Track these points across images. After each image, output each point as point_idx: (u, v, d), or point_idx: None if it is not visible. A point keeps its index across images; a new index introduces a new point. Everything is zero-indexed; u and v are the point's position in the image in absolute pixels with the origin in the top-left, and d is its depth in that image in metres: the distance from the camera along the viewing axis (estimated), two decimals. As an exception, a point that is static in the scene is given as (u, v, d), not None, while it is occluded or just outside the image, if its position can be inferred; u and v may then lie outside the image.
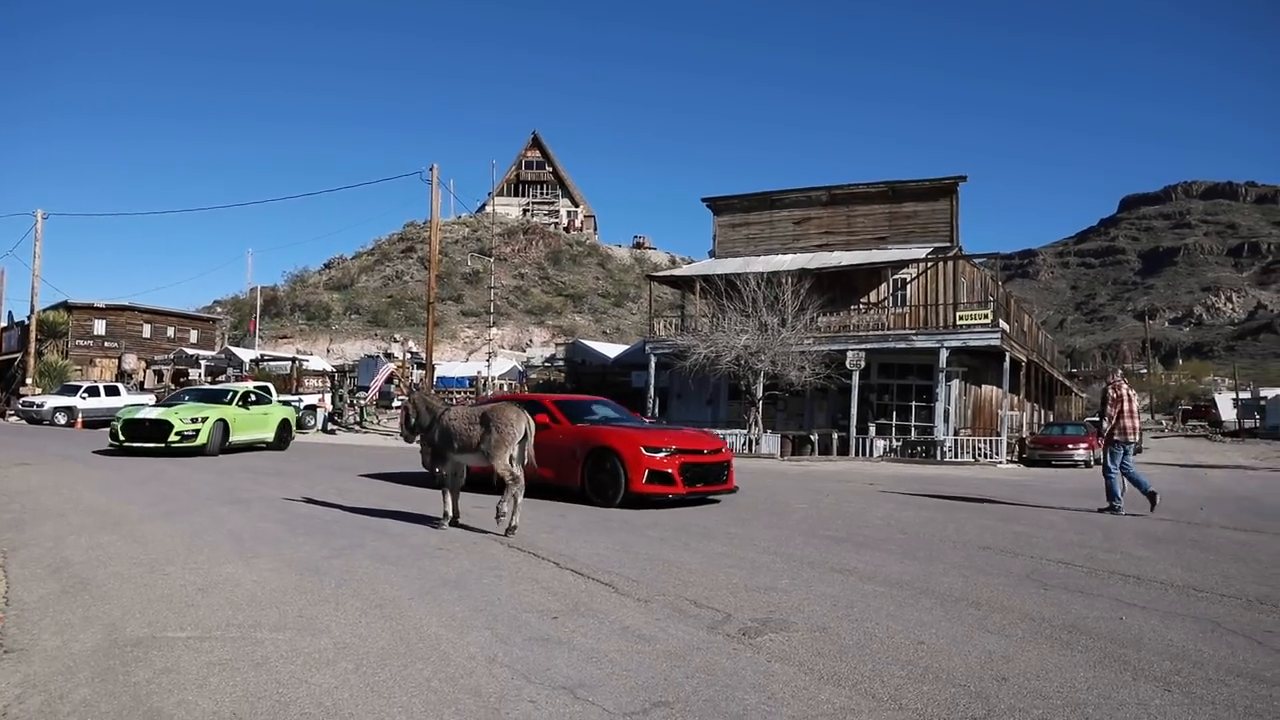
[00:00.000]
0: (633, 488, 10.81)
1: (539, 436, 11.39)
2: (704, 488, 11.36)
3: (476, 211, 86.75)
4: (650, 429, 12.33)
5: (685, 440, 11.57)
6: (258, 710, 3.80)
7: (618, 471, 10.93)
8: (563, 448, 11.62)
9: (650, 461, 10.87)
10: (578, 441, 11.56)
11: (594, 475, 11.24)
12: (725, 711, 3.85)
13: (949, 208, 30.06)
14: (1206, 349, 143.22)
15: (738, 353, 26.31)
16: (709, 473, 11.42)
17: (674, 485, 10.90)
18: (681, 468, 11.00)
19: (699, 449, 11.47)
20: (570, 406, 12.80)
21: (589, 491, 11.22)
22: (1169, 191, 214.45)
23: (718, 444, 12.07)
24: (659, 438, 11.36)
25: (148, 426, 18.04)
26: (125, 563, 6.88)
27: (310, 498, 11.30)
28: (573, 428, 11.91)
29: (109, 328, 53.68)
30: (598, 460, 11.21)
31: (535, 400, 12.87)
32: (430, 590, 6.11)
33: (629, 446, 10.98)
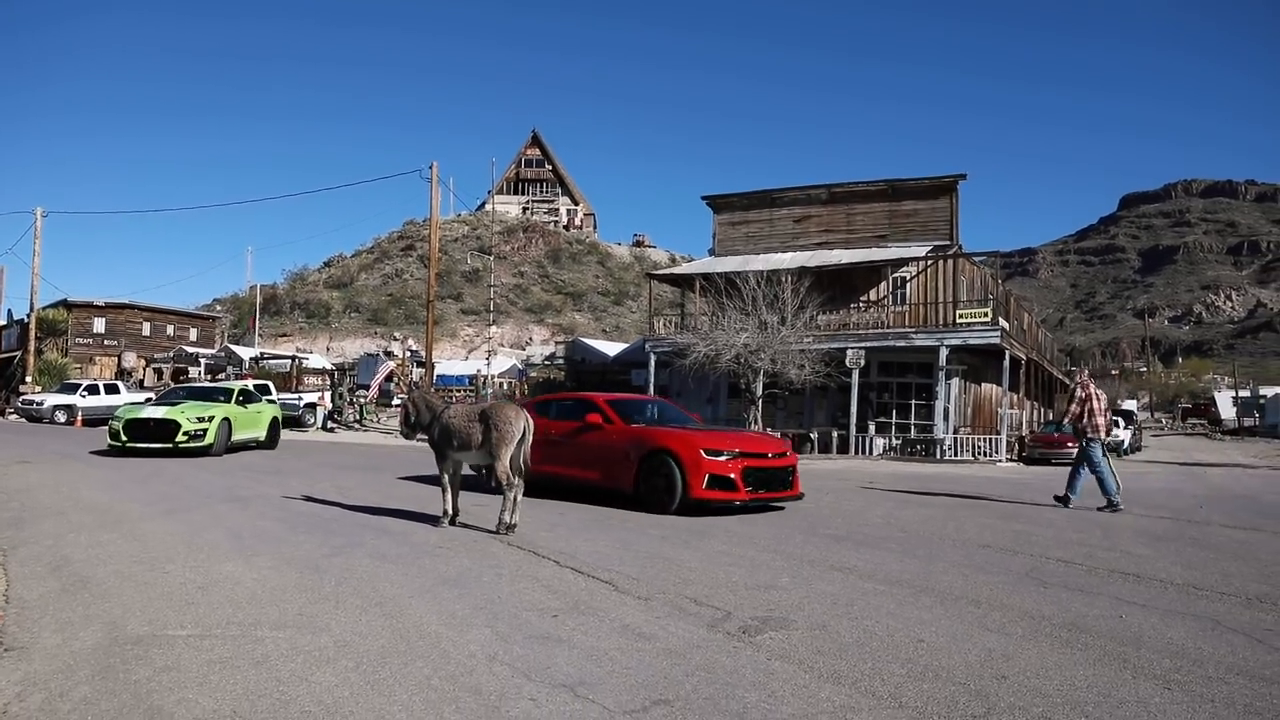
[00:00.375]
0: (691, 494, 10.08)
1: (589, 437, 11.28)
2: (768, 494, 10.63)
3: (476, 210, 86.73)
4: (711, 430, 11.66)
5: (748, 443, 10.90)
6: (258, 708, 3.80)
7: (674, 476, 10.22)
8: (614, 449, 11.00)
9: (711, 465, 10.12)
10: (631, 443, 10.87)
11: (648, 479, 10.51)
12: (725, 709, 3.85)
13: (949, 206, 30.05)
14: (1206, 347, 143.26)
15: (737, 351, 26.29)
16: (773, 478, 10.70)
17: (736, 491, 10.18)
18: (744, 472, 10.26)
19: (762, 452, 10.76)
20: (624, 405, 12.13)
21: (643, 496, 10.55)
22: (1169, 190, 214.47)
23: (782, 447, 11.39)
24: (720, 440, 10.61)
25: (153, 426, 17.33)
26: (125, 561, 6.88)
27: (310, 496, 11.30)
28: (626, 428, 11.22)
29: (109, 326, 53.69)
30: (653, 463, 10.48)
31: (587, 399, 12.32)
32: (430, 588, 6.11)
33: (688, 449, 10.26)
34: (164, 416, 17.48)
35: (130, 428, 17.38)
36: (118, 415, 18.10)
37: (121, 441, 17.29)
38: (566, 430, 11.71)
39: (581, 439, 11.47)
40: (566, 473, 11.55)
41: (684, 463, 10.21)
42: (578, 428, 11.57)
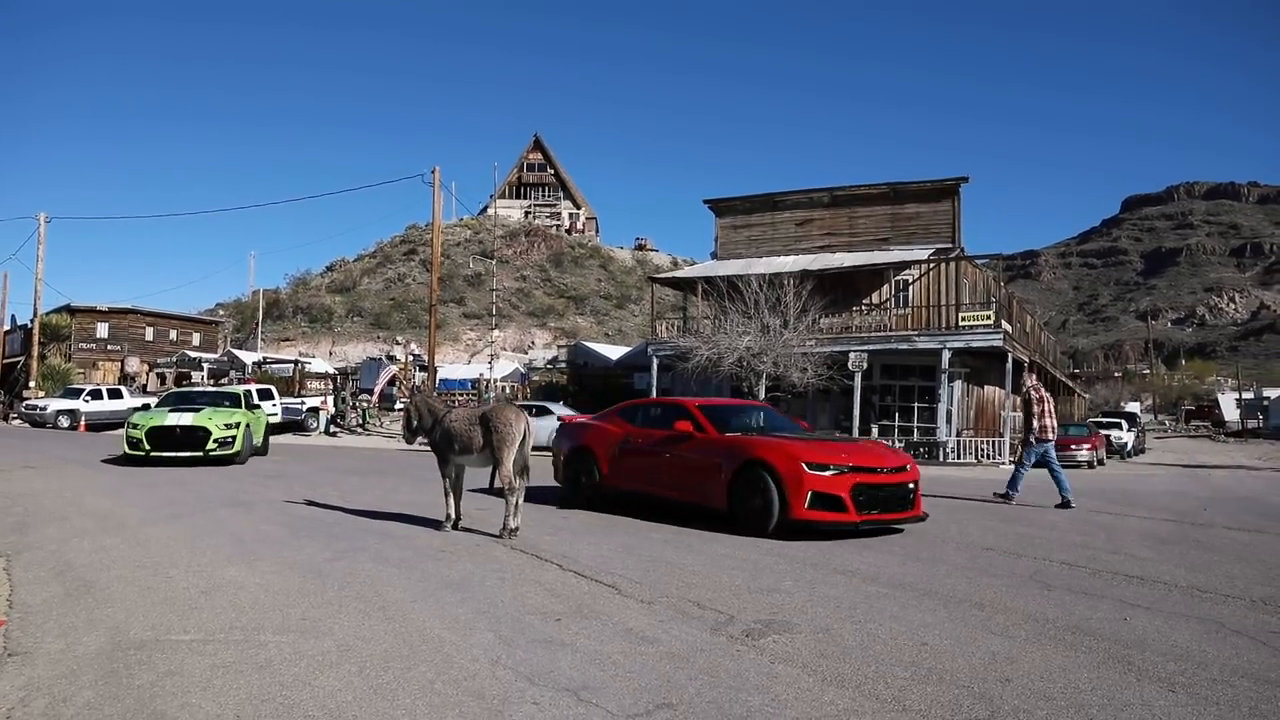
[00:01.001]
0: (792, 513, 8.83)
1: (677, 448, 10.16)
2: (883, 515, 9.19)
3: (478, 214, 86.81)
4: (817, 441, 10.19)
5: (860, 455, 9.53)
6: (261, 713, 3.80)
7: (771, 493, 8.95)
8: (704, 462, 9.81)
9: (815, 481, 8.81)
10: (724, 454, 9.63)
11: (743, 497, 9.26)
12: (729, 713, 3.85)
13: (951, 209, 30.03)
14: (1209, 349, 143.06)
15: (740, 354, 26.29)
16: (890, 497, 9.32)
17: (845, 512, 8.83)
18: (855, 490, 8.91)
19: (877, 466, 9.36)
20: (720, 412, 10.98)
21: (736, 515, 9.33)
22: (1171, 192, 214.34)
23: (901, 460, 9.92)
24: (827, 452, 9.29)
25: (180, 434, 16.27)
26: (128, 566, 6.89)
27: (312, 500, 11.31)
28: (718, 438, 9.99)
29: (112, 331, 53.76)
30: (747, 478, 9.24)
31: (677, 404, 11.20)
32: (433, 592, 6.12)
33: (788, 462, 8.97)
34: (193, 424, 16.51)
35: (155, 435, 16.26)
36: (135, 422, 16.80)
37: (144, 450, 16.10)
38: (653, 440, 10.63)
39: (669, 450, 10.29)
40: (652, 489, 10.52)
41: (783, 478, 8.93)
42: (665, 437, 10.41)
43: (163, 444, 16.22)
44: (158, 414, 17.17)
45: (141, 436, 16.22)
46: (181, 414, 16.92)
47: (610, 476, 10.96)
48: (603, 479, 11.02)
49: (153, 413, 17.56)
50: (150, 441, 16.16)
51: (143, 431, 16.27)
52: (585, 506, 10.98)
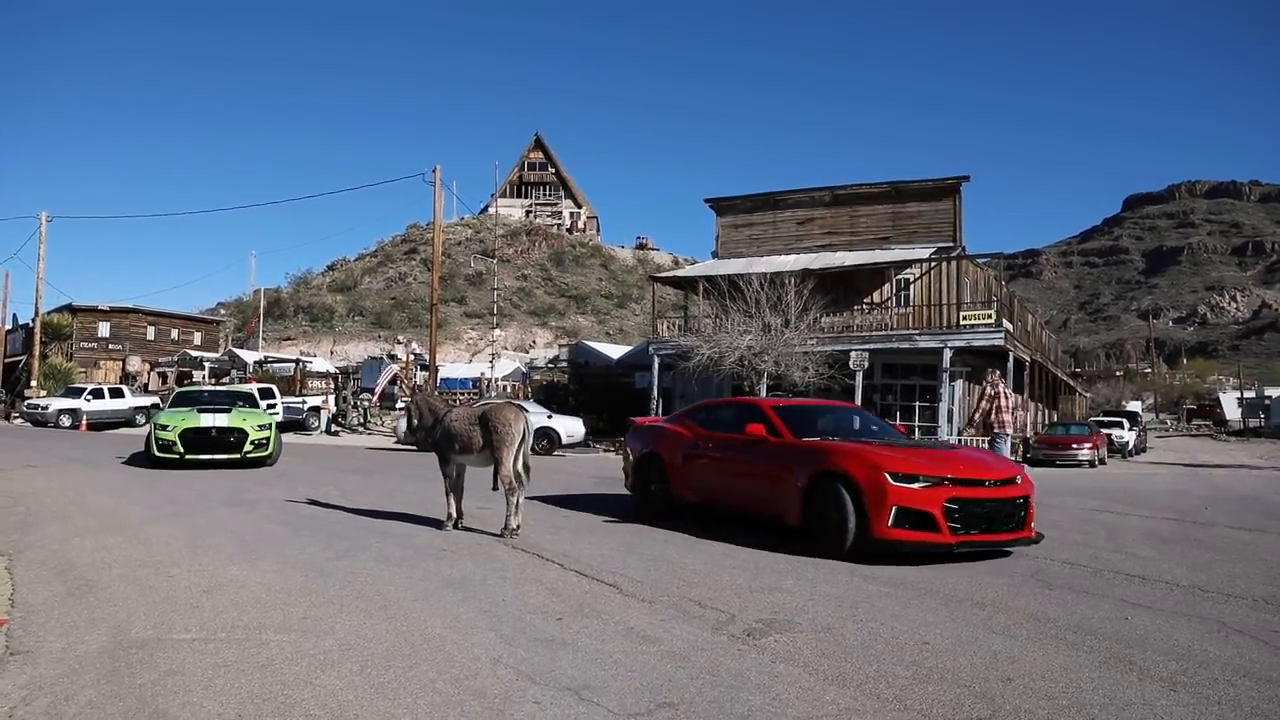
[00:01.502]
0: (873, 531, 7.56)
1: (749, 454, 9.14)
2: (985, 535, 7.73)
3: (479, 213, 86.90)
4: (908, 447, 8.82)
5: (957, 465, 8.09)
6: (263, 712, 3.80)
7: (846, 507, 7.74)
8: (777, 469, 8.71)
9: (900, 495, 7.53)
10: (798, 460, 8.49)
11: (818, 510, 8.08)
12: (730, 712, 3.85)
13: (952, 207, 30.02)
14: (1211, 348, 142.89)
15: (741, 353, 26.29)
16: (995, 513, 7.85)
17: (936, 532, 7.48)
18: (949, 506, 7.57)
19: (978, 478, 7.95)
20: (798, 414, 9.76)
21: (812, 532, 8.16)
22: (1173, 190, 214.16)
23: (1009, 470, 8.50)
24: (918, 460, 7.99)
25: (215, 436, 15.37)
26: (130, 565, 6.89)
27: (314, 499, 11.31)
28: (793, 443, 8.87)
29: (113, 330, 53.81)
30: (823, 489, 8.07)
31: (750, 405, 10.28)
32: (434, 592, 6.12)
33: (868, 471, 7.73)
34: (228, 425, 15.67)
35: (189, 437, 15.26)
36: (164, 423, 15.62)
37: (178, 454, 15.14)
38: (722, 445, 9.64)
39: (738, 457, 9.30)
40: (720, 500, 9.61)
41: (861, 489, 7.69)
42: (734, 442, 9.38)
43: (198, 446, 15.31)
44: (186, 414, 15.88)
45: (175, 439, 15.20)
46: (214, 414, 15.94)
47: (678, 485, 9.95)
48: (671, 488, 10.02)
49: (179, 413, 16.15)
50: (185, 443, 15.21)
51: (176, 433, 15.23)
52: (652, 521, 9.82)
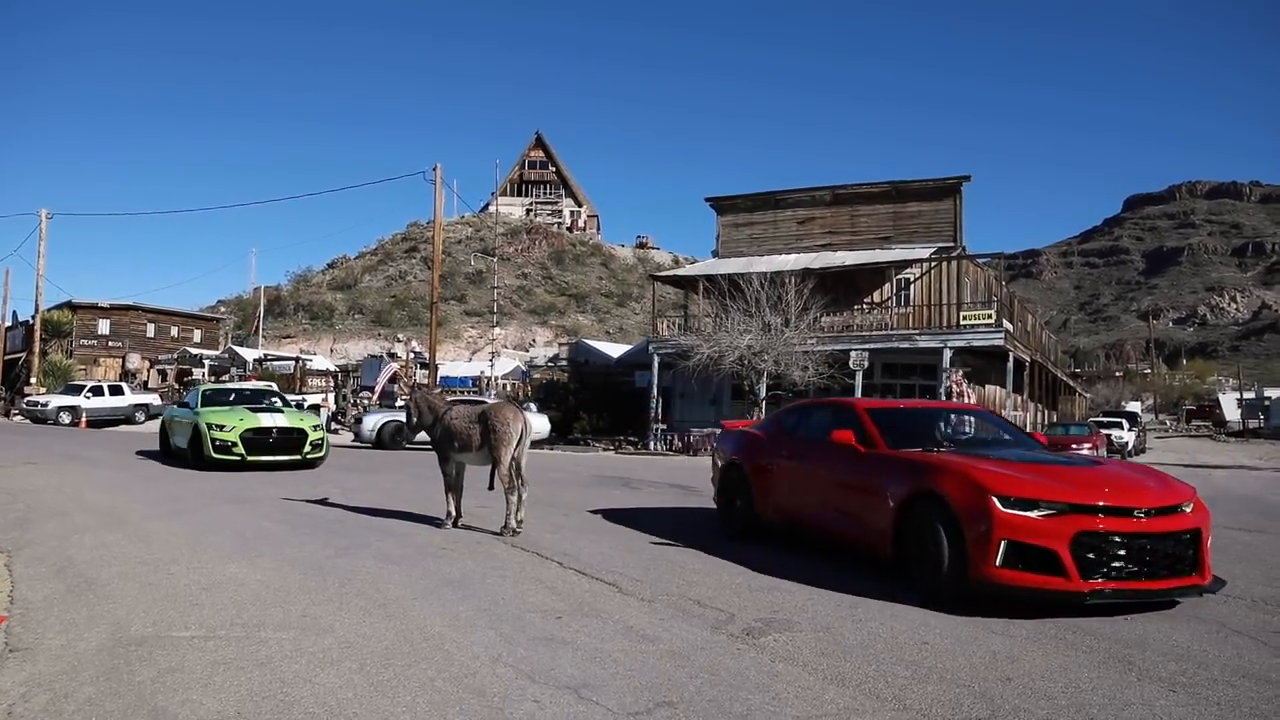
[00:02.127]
0: (975, 571, 5.81)
1: (834, 466, 7.48)
2: (1133, 583, 5.76)
3: (480, 211, 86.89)
4: (1031, 463, 6.64)
5: (1096, 486, 6.10)
6: (262, 710, 3.80)
7: (941, 539, 6.04)
8: (865, 486, 7.02)
9: (1011, 524, 5.74)
10: (891, 476, 6.75)
11: (913, 541, 6.37)
12: (729, 711, 3.85)
13: (953, 207, 30.01)
14: (1210, 349, 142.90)
15: (741, 353, 26.29)
16: (1150, 552, 5.83)
17: (1062, 576, 5.64)
18: (1081, 542, 5.69)
19: (1124, 505, 5.92)
20: (897, 418, 8.02)
21: (907, 565, 6.44)
22: (1173, 191, 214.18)
23: (1173, 494, 6.30)
24: (1037, 480, 6.10)
25: (276, 437, 14.82)
26: (130, 562, 6.89)
27: (313, 497, 11.30)
28: (888, 454, 7.07)
29: (113, 327, 53.84)
30: (920, 515, 6.35)
31: (841, 406, 8.37)
32: (434, 590, 6.12)
33: (968, 492, 6.00)
34: (289, 425, 15.24)
35: (250, 438, 14.72)
36: (219, 423, 14.80)
37: (239, 455, 14.59)
38: (808, 454, 8.02)
39: (825, 469, 7.68)
40: (803, 520, 7.93)
41: (958, 516, 5.97)
42: (820, 451, 7.75)
43: (259, 448, 14.76)
44: (241, 414, 15.33)
45: (236, 440, 14.58)
46: (271, 414, 15.56)
47: (760, 502, 8.44)
48: (754, 505, 8.52)
49: (227, 412, 15.50)
50: (245, 445, 14.63)
51: (236, 434, 14.61)
52: (738, 539, 8.52)
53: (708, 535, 8.88)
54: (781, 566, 7.16)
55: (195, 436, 15.00)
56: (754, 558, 7.55)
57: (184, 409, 16.84)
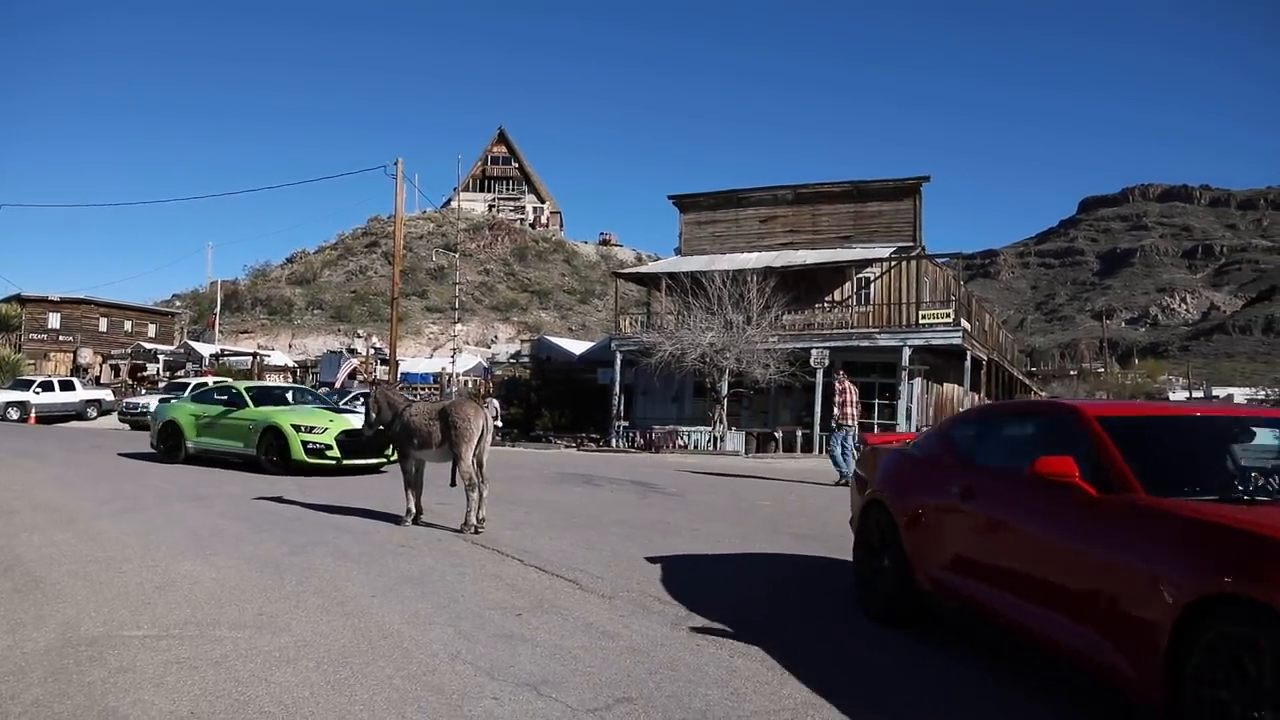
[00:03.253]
0: None
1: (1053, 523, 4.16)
2: None
3: (441, 207, 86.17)
4: None
5: None
6: (216, 709, 3.75)
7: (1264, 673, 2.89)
8: (1096, 564, 3.78)
9: None
10: (1159, 550, 3.49)
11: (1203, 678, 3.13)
12: (688, 707, 3.87)
13: (912, 207, 30.38)
14: (1162, 349, 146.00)
15: (703, 350, 26.40)
16: None
17: None
18: None
19: None
20: (1159, 435, 4.50)
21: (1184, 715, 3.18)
22: (1127, 193, 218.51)
23: None
24: None
25: (368, 438, 12.36)
26: (80, 561, 6.76)
27: (270, 495, 11.16)
28: (1151, 504, 3.71)
29: (64, 321, 52.75)
30: (1223, 636, 3.08)
31: (1059, 413, 4.88)
32: (392, 587, 6.07)
33: None
34: None
35: (343, 441, 13.86)
36: (309, 425, 13.95)
37: (334, 459, 13.80)
38: (996, 494, 4.77)
39: (1022, 522, 4.48)
40: (990, 606, 4.49)
41: None
42: (1018, 488, 4.52)
43: (353, 450, 13.87)
44: (330, 415, 14.63)
45: (331, 442, 13.82)
46: (350, 415, 14.88)
47: (917, 565, 5.19)
48: (907, 568, 5.27)
49: (313, 411, 14.85)
50: (342, 447, 13.84)
51: (332, 436, 13.86)
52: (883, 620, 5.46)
53: (664, 530, 8.90)
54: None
55: (269, 438, 14.04)
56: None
57: (225, 405, 15.39)
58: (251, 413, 14.72)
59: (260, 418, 14.44)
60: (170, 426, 15.76)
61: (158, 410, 17.56)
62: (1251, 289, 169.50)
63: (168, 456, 15.47)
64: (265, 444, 14.12)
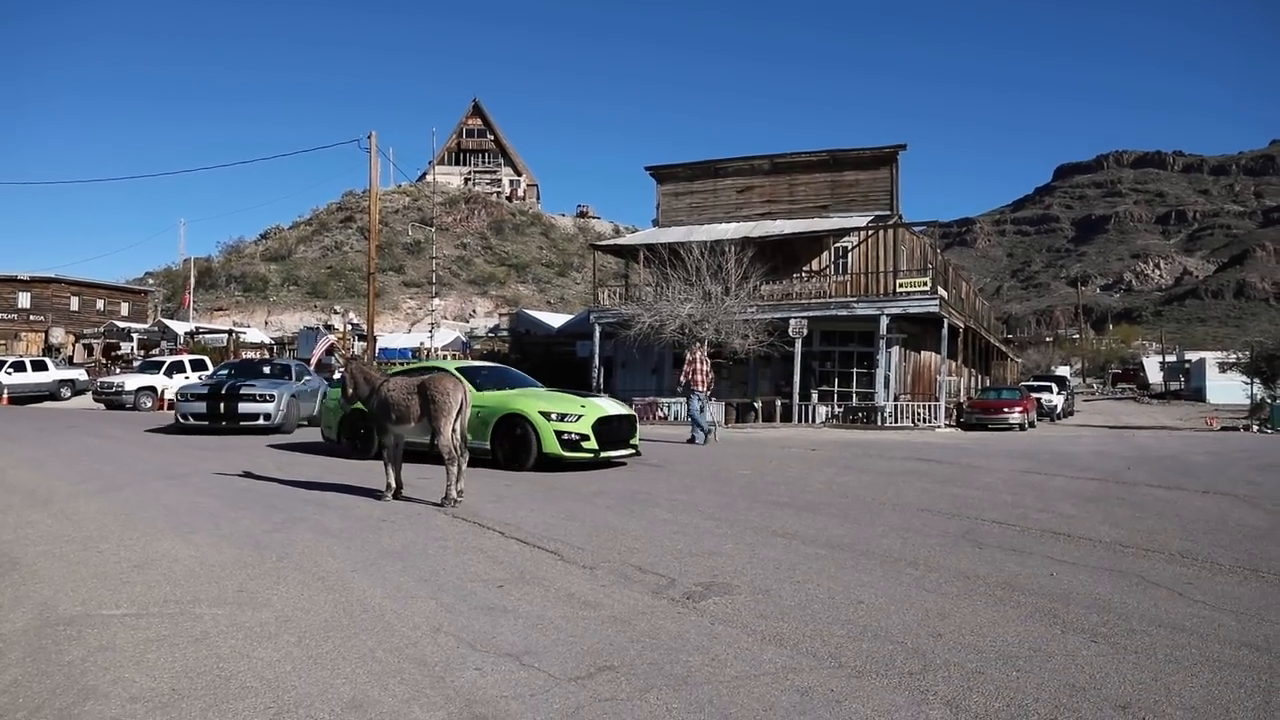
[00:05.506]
0: None
1: None
2: None
3: (417, 180, 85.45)
4: None
5: None
6: (197, 685, 3.74)
7: None
8: None
9: None
10: None
11: None
12: (669, 674, 3.90)
13: (889, 176, 30.39)
14: (1136, 314, 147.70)
15: (682, 321, 26.40)
16: None
17: None
18: None
19: None
20: None
21: None
22: (1101, 160, 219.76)
23: None
24: None
25: (617, 425, 12.50)
26: (56, 541, 6.70)
27: (249, 472, 11.10)
28: None
29: (34, 300, 51.95)
30: None
31: None
32: (374, 562, 6.07)
33: None
34: (622, 412, 12.89)
35: (600, 430, 11.99)
36: (561, 413, 11.80)
37: (591, 451, 11.78)
38: None
39: None
40: None
41: None
42: None
43: (608, 441, 12.21)
44: (581, 400, 12.52)
45: (588, 432, 11.79)
46: (610, 402, 13.29)
47: None
48: None
49: (563, 397, 12.62)
50: (599, 438, 11.94)
51: (589, 425, 11.83)
52: None
53: (643, 500, 8.95)
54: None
55: (504, 429, 11.88)
56: (690, 523, 7.63)
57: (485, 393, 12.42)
58: (479, 398, 11.90)
59: (494, 405, 12.05)
60: (357, 414, 12.72)
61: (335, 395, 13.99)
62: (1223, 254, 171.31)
63: (358, 451, 13.14)
64: (499, 436, 11.91)
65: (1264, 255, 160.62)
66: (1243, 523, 8.19)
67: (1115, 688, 3.77)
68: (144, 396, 29.08)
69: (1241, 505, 9.38)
